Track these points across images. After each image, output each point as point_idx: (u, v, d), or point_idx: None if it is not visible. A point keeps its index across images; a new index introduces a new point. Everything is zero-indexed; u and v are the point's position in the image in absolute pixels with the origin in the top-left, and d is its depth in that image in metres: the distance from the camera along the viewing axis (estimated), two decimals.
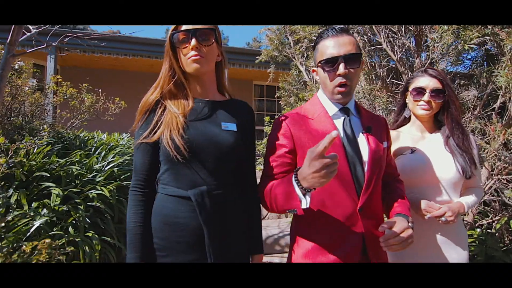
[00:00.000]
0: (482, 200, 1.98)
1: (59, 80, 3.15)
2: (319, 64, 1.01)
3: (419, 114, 1.33)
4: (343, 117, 1.05)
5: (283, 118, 1.06)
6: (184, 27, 0.93)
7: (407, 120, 1.45)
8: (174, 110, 0.91)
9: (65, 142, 2.93)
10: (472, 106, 2.05)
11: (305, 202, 0.82)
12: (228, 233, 0.94)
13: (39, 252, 1.17)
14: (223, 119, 0.97)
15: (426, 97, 1.29)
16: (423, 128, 1.38)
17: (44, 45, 1.82)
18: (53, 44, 1.86)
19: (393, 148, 1.39)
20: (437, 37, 1.58)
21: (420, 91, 1.31)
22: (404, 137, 1.40)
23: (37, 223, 1.89)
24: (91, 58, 5.79)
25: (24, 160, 2.18)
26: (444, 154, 1.30)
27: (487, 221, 2.04)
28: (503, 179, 1.78)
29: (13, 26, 1.71)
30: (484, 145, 1.62)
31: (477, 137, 1.73)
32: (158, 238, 0.91)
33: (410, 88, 1.35)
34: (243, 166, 1.04)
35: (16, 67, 2.86)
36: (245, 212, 1.02)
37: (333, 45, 0.98)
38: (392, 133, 1.43)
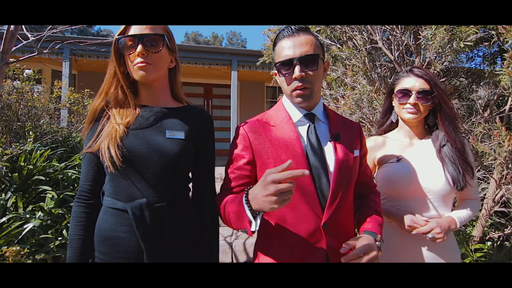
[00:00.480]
0: (493, 211, 1.79)
1: (65, 86, 3.25)
2: (276, 67, 0.93)
3: (406, 118, 1.21)
4: (308, 124, 0.97)
5: (242, 125, 0.99)
6: (131, 32, 0.89)
7: (394, 125, 1.33)
8: (117, 120, 0.87)
9: (69, 146, 3.02)
10: (482, 108, 1.86)
11: (255, 225, 0.77)
12: (173, 249, 0.88)
13: (6, 259, 1.18)
14: (169, 127, 0.92)
15: (412, 99, 1.17)
16: (412, 133, 1.26)
17: (36, 53, 1.86)
18: (44, 51, 1.90)
19: (378, 155, 1.28)
20: (430, 34, 1.43)
21: (406, 93, 1.19)
22: (391, 143, 1.28)
23: (29, 226, 1.94)
24: (106, 64, 5.97)
25: (23, 164, 2.25)
26: (434, 163, 1.17)
27: (499, 234, 1.84)
28: None
29: (4, 34, 1.76)
30: (489, 151, 1.45)
31: (483, 142, 1.55)
32: (99, 252, 0.87)
33: (395, 90, 1.24)
34: (196, 176, 0.98)
35: (25, 75, 2.97)
36: (197, 224, 0.96)
37: (288, 46, 0.89)
38: (378, 138, 1.32)
